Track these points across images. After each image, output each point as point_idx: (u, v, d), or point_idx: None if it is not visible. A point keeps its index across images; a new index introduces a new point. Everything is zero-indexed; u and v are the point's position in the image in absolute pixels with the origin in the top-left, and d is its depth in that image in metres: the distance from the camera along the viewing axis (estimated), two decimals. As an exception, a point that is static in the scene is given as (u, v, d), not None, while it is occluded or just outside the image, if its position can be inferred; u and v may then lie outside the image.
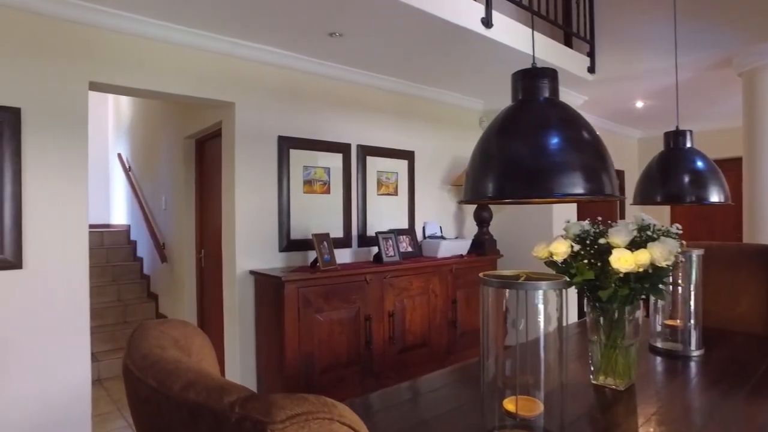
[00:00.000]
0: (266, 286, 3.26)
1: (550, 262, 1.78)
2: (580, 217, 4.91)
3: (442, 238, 4.52)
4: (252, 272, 3.36)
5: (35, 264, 2.64)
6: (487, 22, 3.24)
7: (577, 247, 1.66)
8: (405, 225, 4.39)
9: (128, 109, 6.07)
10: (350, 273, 3.39)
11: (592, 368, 1.68)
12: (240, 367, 3.36)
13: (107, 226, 6.58)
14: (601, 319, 1.67)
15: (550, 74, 1.21)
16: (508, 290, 1.24)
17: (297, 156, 3.62)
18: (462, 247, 4.37)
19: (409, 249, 4.16)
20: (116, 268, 5.35)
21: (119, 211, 6.43)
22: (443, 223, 4.74)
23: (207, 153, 4.18)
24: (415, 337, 3.85)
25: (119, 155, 6.15)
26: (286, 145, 3.55)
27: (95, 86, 2.91)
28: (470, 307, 4.28)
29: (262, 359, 3.36)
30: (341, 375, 3.36)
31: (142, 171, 5.55)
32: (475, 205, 4.60)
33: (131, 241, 5.88)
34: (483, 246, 4.47)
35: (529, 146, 1.15)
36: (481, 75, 4.09)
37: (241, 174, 3.35)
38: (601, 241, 1.59)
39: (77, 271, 2.77)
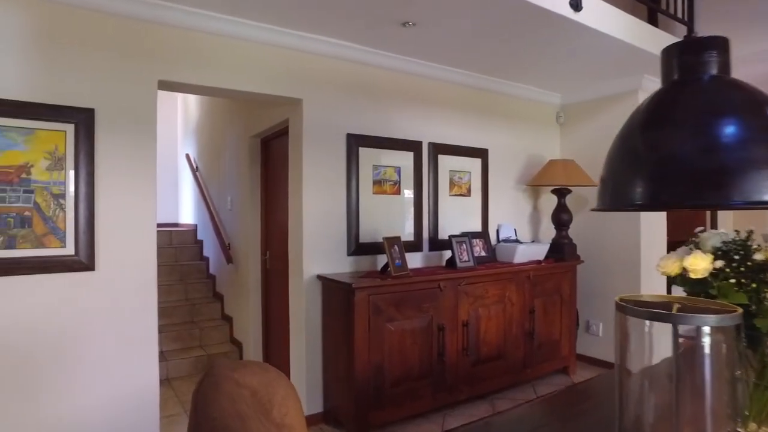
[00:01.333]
0: (335, 292, 3.10)
1: (683, 280, 1.48)
2: (669, 222, 4.46)
3: (517, 241, 4.21)
4: (320, 277, 3.21)
5: (106, 265, 2.59)
6: (576, 4, 2.93)
7: (719, 263, 1.36)
8: (478, 227, 4.12)
9: (196, 110, 6.13)
10: (423, 279, 3.17)
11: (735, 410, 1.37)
12: (306, 375, 3.22)
13: (176, 225, 6.69)
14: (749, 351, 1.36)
15: (720, 44, 0.94)
16: (657, 323, 0.97)
17: (366, 154, 3.43)
18: (539, 251, 4.04)
19: (483, 253, 3.88)
20: (184, 267, 5.38)
21: (187, 211, 6.52)
22: (518, 225, 4.43)
23: (273, 152, 4.08)
24: (490, 348, 3.57)
25: (187, 155, 6.22)
26: (355, 143, 3.38)
27: (164, 85, 2.84)
28: (548, 317, 3.95)
29: (330, 368, 3.20)
30: (412, 387, 3.15)
31: (208, 171, 5.57)
32: (558, 208, 4.26)
33: (198, 241, 5.92)
34: (562, 251, 4.12)
35: (695, 139, 0.88)
36: (562, 66, 3.76)
37: (308, 173, 3.21)
38: (758, 256, 1.28)
39: (146, 274, 2.71)
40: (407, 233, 3.65)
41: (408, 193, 3.67)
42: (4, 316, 2.35)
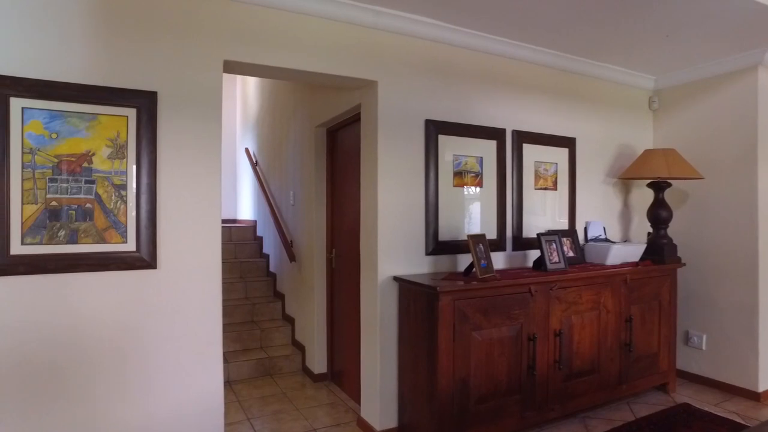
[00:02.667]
0: (415, 295, 2.78)
1: None
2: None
3: (607, 240, 3.78)
4: (396, 278, 2.90)
5: (169, 264, 2.38)
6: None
7: None
8: (563, 225, 3.71)
9: (255, 103, 5.97)
10: (513, 283, 2.81)
11: None
12: (380, 384, 2.92)
13: (234, 221, 6.58)
14: None
15: None
16: None
17: (446, 143, 3.10)
18: (635, 252, 3.59)
19: (570, 254, 3.48)
20: (243, 264, 5.22)
21: (246, 206, 6.38)
22: (606, 222, 3.98)
23: (340, 143, 3.81)
24: (583, 361, 3.17)
25: (246, 150, 6.08)
26: (435, 130, 3.05)
27: (230, 66, 2.61)
28: (646, 327, 3.50)
29: (407, 379, 2.88)
30: (499, 405, 2.79)
31: (268, 165, 5.38)
32: (655, 203, 3.78)
33: (257, 237, 5.77)
34: (661, 252, 3.64)
35: None
36: (665, 41, 3.28)
37: (383, 164, 2.90)
38: None
39: (210, 273, 2.49)
40: (488, 230, 3.29)
41: (490, 186, 3.31)
42: (65, 316, 2.17)
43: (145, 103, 2.30)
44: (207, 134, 2.47)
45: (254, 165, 5.73)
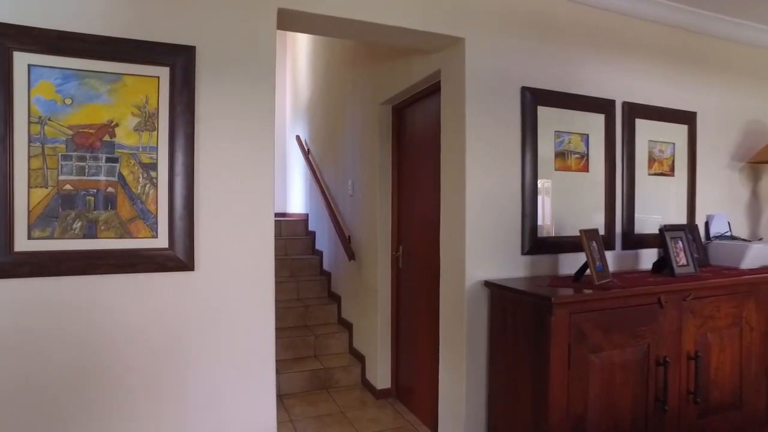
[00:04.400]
0: (515, 306, 2.19)
1: None
2: None
3: (734, 238, 3.08)
4: (488, 284, 2.33)
5: (209, 265, 1.92)
6: None
7: None
8: (680, 218, 3.03)
9: (307, 87, 5.50)
10: (641, 292, 2.18)
11: None
12: (465, 415, 2.36)
13: (284, 214, 6.15)
14: None
15: None
16: None
17: (546, 116, 2.49)
18: (777, 253, 2.88)
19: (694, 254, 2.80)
20: (294, 261, 4.76)
21: (296, 199, 5.94)
22: (730, 216, 3.26)
23: (409, 122, 3.25)
24: (723, 392, 2.50)
25: (297, 137, 5.63)
26: (533, 100, 2.45)
27: (284, 19, 2.11)
28: (796, 348, 2.78)
29: (500, 411, 2.31)
30: (621, 447, 2.18)
31: (322, 153, 4.90)
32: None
33: (309, 232, 5.30)
34: (812, 253, 2.91)
35: None
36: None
37: (472, 143, 2.33)
38: None
39: (260, 276, 2.02)
40: (594, 225, 2.66)
41: (597, 171, 2.68)
42: (80, 330, 1.73)
43: (180, 61, 1.83)
44: (258, 101, 1.98)
45: (306, 153, 5.26)
